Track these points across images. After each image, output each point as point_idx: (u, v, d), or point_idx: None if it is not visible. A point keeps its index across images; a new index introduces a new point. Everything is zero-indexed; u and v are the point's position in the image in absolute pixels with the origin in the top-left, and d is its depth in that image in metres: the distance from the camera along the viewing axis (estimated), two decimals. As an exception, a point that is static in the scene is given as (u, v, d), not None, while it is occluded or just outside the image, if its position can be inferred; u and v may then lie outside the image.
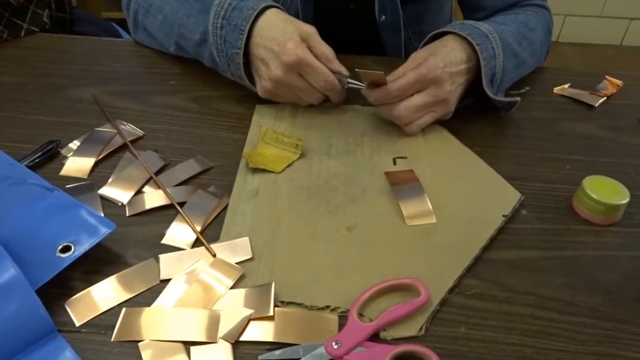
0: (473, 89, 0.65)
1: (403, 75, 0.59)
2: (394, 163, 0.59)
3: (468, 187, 0.56)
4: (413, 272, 0.47)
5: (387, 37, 0.82)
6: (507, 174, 0.58)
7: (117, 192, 0.54)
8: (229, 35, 0.63)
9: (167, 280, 0.46)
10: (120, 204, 0.53)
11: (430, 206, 0.53)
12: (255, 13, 0.62)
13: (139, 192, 0.55)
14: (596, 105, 0.71)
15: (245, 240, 0.49)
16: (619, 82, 0.76)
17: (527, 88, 0.75)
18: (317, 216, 0.52)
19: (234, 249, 0.48)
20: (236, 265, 0.47)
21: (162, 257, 0.48)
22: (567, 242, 0.52)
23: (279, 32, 0.61)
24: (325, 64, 0.62)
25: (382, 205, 0.54)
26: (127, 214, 0.52)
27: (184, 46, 0.72)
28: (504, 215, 0.53)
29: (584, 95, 0.73)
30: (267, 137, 0.61)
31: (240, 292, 0.45)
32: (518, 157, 0.62)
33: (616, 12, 2.56)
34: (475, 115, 0.67)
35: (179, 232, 0.50)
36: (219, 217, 0.53)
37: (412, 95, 0.60)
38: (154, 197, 0.54)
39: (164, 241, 0.50)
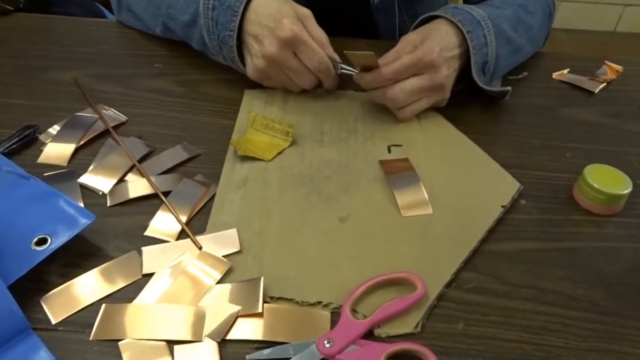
0: (465, 74, 0.63)
1: (397, 58, 0.57)
2: (389, 151, 0.57)
3: (465, 176, 0.54)
4: (409, 265, 0.45)
5: (381, 19, 0.80)
6: (505, 162, 0.56)
7: (98, 180, 0.52)
8: (221, 17, 0.60)
9: (150, 275, 0.43)
10: (101, 193, 0.51)
11: (427, 196, 0.51)
12: None
13: (122, 180, 0.52)
14: (596, 92, 0.69)
15: (233, 232, 0.47)
16: (618, 67, 0.74)
17: (525, 73, 0.73)
18: (309, 206, 0.50)
19: (221, 241, 0.46)
20: (223, 258, 0.44)
21: (145, 249, 0.45)
22: (568, 233, 0.50)
23: (274, 10, 0.58)
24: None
25: (376, 195, 0.51)
26: (109, 204, 0.50)
27: (172, 28, 0.69)
28: (502, 206, 0.51)
29: (583, 81, 0.71)
30: (257, 123, 0.59)
31: (228, 288, 0.42)
32: (516, 145, 0.60)
33: (610, -2, 2.54)
34: (471, 101, 0.65)
35: (163, 223, 0.48)
36: (206, 208, 0.50)
37: (407, 78, 0.57)
38: (137, 186, 0.51)
39: (147, 233, 0.47)
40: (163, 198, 0.50)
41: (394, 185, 0.51)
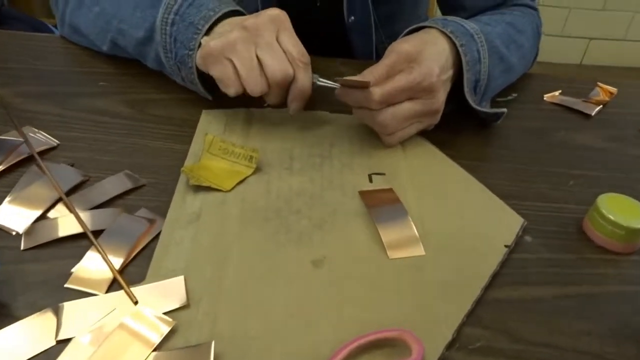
0: (454, 94, 0.56)
1: (391, 79, 0.49)
2: (370, 180, 0.49)
3: (460, 210, 0.46)
4: (400, 320, 0.36)
5: (357, 39, 0.73)
6: (502, 191, 0.49)
7: (11, 217, 0.42)
8: (181, 34, 0.52)
9: (67, 340, 0.33)
10: (14, 233, 0.41)
11: (417, 233, 0.42)
12: (217, 16, 0.51)
13: (43, 217, 0.42)
14: (592, 114, 0.63)
15: (179, 281, 0.37)
16: (612, 89, 0.69)
17: (515, 95, 0.66)
18: (276, 247, 0.41)
19: (164, 293, 0.36)
20: (165, 316, 0.35)
21: (63, 306, 0.35)
22: (584, 275, 0.42)
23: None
24: None
25: (357, 233, 0.43)
26: (22, 247, 0.40)
27: (123, 45, 0.60)
28: (506, 246, 0.43)
29: (577, 103, 0.65)
30: (214, 147, 0.50)
31: (169, 356, 0.33)
32: (512, 172, 0.53)
33: (576, 32, 2.58)
34: (458, 124, 0.58)
35: (91, 271, 0.38)
36: (148, 249, 0.41)
37: (402, 102, 0.50)
38: (61, 224, 0.41)
39: (68, 284, 0.37)
40: (92, 238, 0.40)
41: (377, 221, 0.43)
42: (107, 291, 0.37)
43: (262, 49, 0.48)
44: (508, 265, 0.42)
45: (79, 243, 0.41)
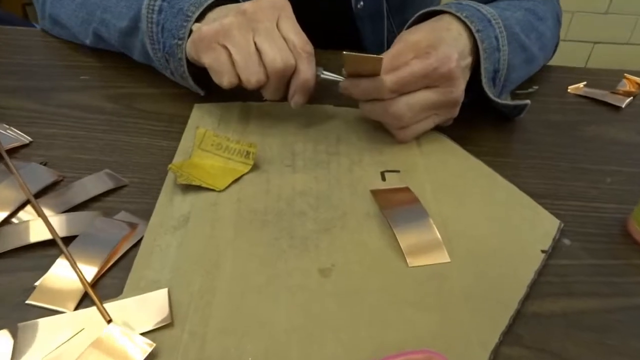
0: (470, 86, 0.50)
1: (405, 65, 0.43)
2: (383, 178, 0.43)
3: (487, 211, 0.40)
4: (425, 340, 0.30)
5: (366, 28, 0.67)
6: (532, 190, 0.43)
7: (-31, 221, 0.36)
8: (169, 22, 0.46)
9: (24, 369, 0.27)
10: (-29, 240, 0.35)
11: (440, 237, 0.37)
12: (209, 1, 0.46)
13: (7, 221, 0.37)
14: (623, 107, 0.58)
15: (162, 295, 0.31)
16: (640, 80, 0.63)
17: (536, 87, 0.61)
18: (276, 254, 0.35)
19: (144, 309, 0.31)
20: (143, 338, 0.29)
21: (22, 326, 0.29)
22: (634, 284, 0.36)
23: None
24: None
25: (370, 237, 0.37)
26: (-21, 256, 0.34)
27: (106, 37, 0.55)
28: (542, 251, 0.37)
29: (605, 95, 0.59)
30: (206, 142, 0.44)
31: (146, 387, 0.27)
32: (541, 169, 0.47)
33: (580, 36, 2.54)
34: (476, 118, 0.52)
35: (58, 284, 0.32)
36: (127, 258, 0.35)
37: (417, 90, 0.44)
38: (28, 229, 0.36)
39: (30, 300, 0.31)
40: (61, 244, 0.34)
41: (394, 224, 0.37)
42: (77, 308, 0.31)
43: (261, 36, 0.43)
44: (546, 273, 0.36)
45: (47, 252, 0.35)
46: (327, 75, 0.47)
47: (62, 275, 0.33)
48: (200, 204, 0.39)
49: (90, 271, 0.33)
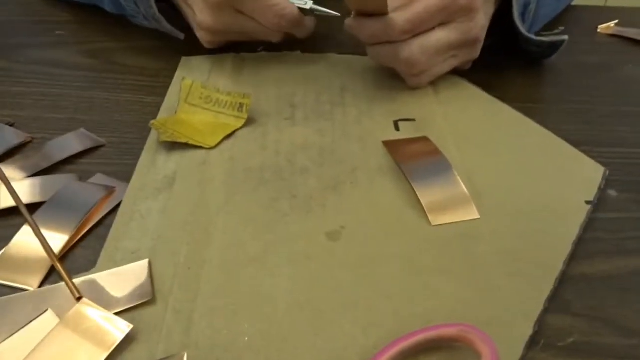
0: (492, 24, 0.44)
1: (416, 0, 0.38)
2: (397, 128, 0.38)
3: (519, 160, 0.35)
4: (457, 312, 0.25)
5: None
6: (569, 137, 0.38)
7: None
8: None
9: (-26, 359, 0.23)
10: None
11: (467, 192, 0.31)
12: None
13: (-36, 189, 0.32)
14: (662, 45, 0.52)
15: (142, 267, 0.27)
16: (678, 17, 0.57)
17: (562, 28, 0.54)
18: (276, 216, 0.30)
19: (121, 284, 0.26)
20: (117, 318, 0.24)
21: (-25, 308, 0.25)
22: (696, 239, 0.31)
23: None
24: None
25: (384, 194, 0.32)
26: None
27: None
28: (587, 202, 0.32)
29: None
30: (194, 95, 0.39)
31: (121, 378, 0.22)
32: (577, 114, 0.41)
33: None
34: (498, 62, 0.46)
35: (21, 258, 0.27)
36: (103, 226, 0.30)
37: (432, 30, 0.38)
38: (-14, 197, 0.31)
39: (-14, 276, 0.27)
40: (25, 212, 0.29)
41: (412, 178, 0.32)
42: (42, 285, 0.26)
43: (247, 9, 0.41)
44: (593, 228, 0.31)
45: (10, 221, 0.30)
46: (322, 11, 0.41)
47: (25, 248, 0.28)
48: (187, 164, 0.34)
49: (58, 241, 0.28)
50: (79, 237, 0.29)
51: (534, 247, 0.29)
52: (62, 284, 0.26)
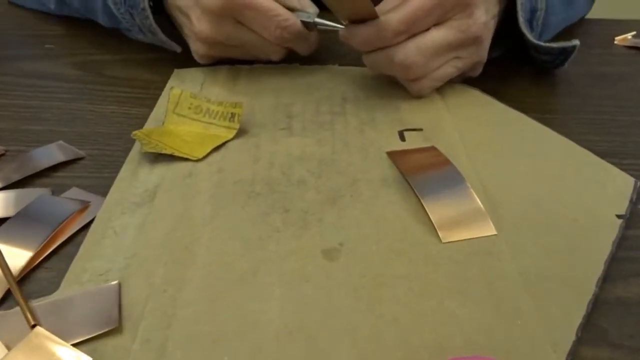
0: (500, 34, 0.41)
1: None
2: (402, 138, 0.35)
3: (540, 170, 0.31)
4: (475, 342, 0.21)
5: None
6: (591, 148, 0.34)
7: None
8: None
9: None
10: None
11: (481, 205, 0.28)
12: None
13: None
14: (683, 55, 0.49)
15: (110, 290, 0.23)
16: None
17: (577, 41, 0.52)
18: (267, 232, 0.27)
19: (84, 310, 0.22)
20: (74, 350, 0.20)
21: None
22: None
23: None
24: None
25: (388, 208, 0.28)
26: None
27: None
28: (618, 216, 0.28)
29: (660, 44, 0.50)
30: (182, 105, 0.36)
31: (73, 421, 0.18)
32: (596, 124, 0.38)
33: None
34: (508, 71, 0.44)
35: (-27, 279, 0.24)
36: (74, 243, 0.27)
37: (427, 30, 0.36)
38: (-55, 212, 0.28)
39: None
40: (-18, 230, 0.26)
41: (420, 191, 0.29)
42: (-5, 310, 0.23)
43: (247, 20, 0.39)
44: (627, 246, 0.27)
45: (-31, 239, 0.27)
46: (324, 24, 0.39)
47: (-19, 268, 0.24)
48: (171, 176, 0.31)
49: (20, 259, 0.25)
50: (45, 255, 0.26)
51: (561, 266, 0.25)
52: (18, 308, 0.23)
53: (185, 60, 0.43)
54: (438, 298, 0.23)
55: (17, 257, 0.25)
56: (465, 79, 0.41)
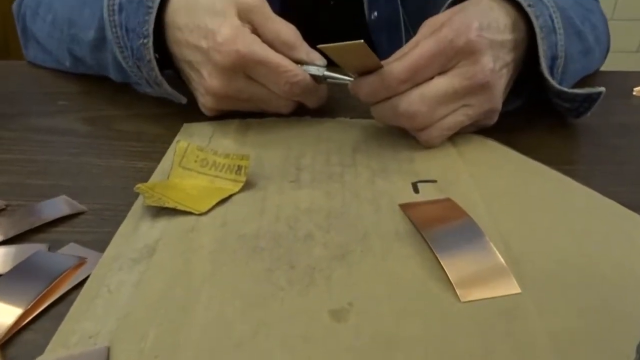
0: (518, 85, 0.41)
1: (414, 45, 0.35)
2: (415, 190, 0.33)
3: (566, 223, 0.29)
4: (502, 416, 0.19)
5: (382, 38, 0.59)
6: (618, 200, 0.32)
7: None
8: (131, 20, 0.40)
9: None
10: None
11: (503, 260, 0.26)
12: None
13: None
14: None
15: (97, 355, 0.21)
16: None
17: (602, 88, 0.51)
18: (270, 291, 0.25)
19: (68, 377, 0.20)
20: (52, 423, 0.18)
21: None
22: None
23: (204, 14, 0.38)
24: (285, 53, 0.38)
25: (402, 265, 0.26)
26: None
27: (80, 55, 0.49)
28: (654, 271, 0.26)
29: (681, 94, 0.49)
30: (189, 158, 0.35)
31: None
32: (624, 176, 0.36)
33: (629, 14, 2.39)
34: (526, 121, 0.43)
35: (-46, 342, 0.22)
36: (66, 302, 0.25)
37: (432, 78, 0.35)
38: None
39: None
40: (-31, 288, 0.25)
41: (436, 247, 0.27)
42: (-28, 377, 0.21)
43: (258, 75, 0.39)
44: (667, 307, 0.24)
45: (-42, 298, 0.25)
46: (334, 78, 0.39)
47: (-36, 330, 0.23)
48: (172, 231, 0.29)
49: (7, 319, 0.23)
50: (35, 313, 0.24)
51: (595, 327, 0.22)
52: (-2, 375, 0.21)
53: (194, 115, 0.43)
54: (458, 365, 0.21)
55: (6, 315, 0.23)
56: (480, 129, 0.40)
